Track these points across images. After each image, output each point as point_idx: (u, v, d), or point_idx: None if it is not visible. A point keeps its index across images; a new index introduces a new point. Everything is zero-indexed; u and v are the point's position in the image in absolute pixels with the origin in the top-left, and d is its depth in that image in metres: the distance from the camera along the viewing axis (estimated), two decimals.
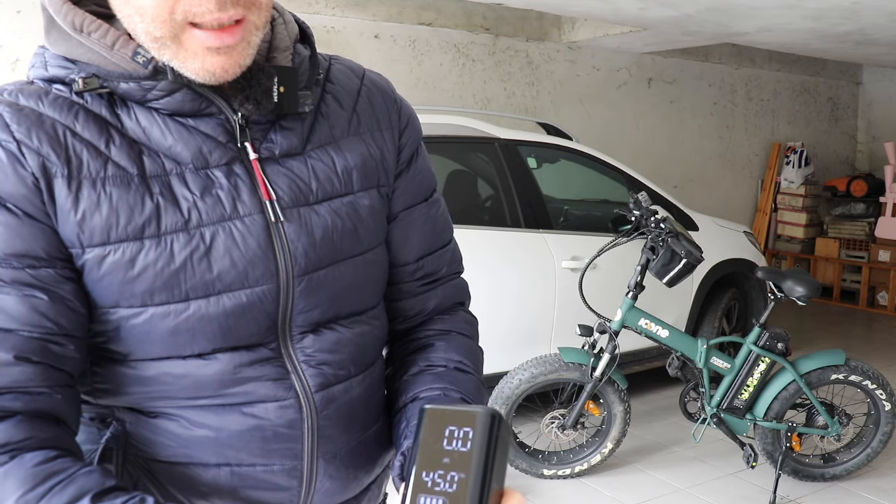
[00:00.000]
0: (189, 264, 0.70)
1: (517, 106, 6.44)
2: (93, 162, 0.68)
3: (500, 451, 0.61)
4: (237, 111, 0.73)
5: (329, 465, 0.79)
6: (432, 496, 0.58)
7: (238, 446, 0.74)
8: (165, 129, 0.71)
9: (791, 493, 3.15)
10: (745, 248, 4.58)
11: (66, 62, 0.70)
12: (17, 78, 0.73)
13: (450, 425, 0.61)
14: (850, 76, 8.74)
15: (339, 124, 0.81)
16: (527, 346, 3.48)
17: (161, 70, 0.69)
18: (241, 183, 0.73)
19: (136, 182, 0.69)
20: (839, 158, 8.75)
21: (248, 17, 0.67)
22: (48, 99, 0.69)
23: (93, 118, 0.70)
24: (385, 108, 0.86)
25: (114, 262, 0.69)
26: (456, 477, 0.59)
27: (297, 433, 0.76)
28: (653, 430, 3.82)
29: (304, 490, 0.78)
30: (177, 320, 0.71)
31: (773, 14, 4.82)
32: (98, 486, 0.62)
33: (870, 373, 3.13)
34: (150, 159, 0.71)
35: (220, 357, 0.73)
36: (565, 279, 3.58)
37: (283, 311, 0.75)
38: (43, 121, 0.68)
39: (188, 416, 0.74)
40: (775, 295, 3.11)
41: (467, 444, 0.60)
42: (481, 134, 3.66)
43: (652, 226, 3.04)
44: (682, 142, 7.52)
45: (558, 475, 3.23)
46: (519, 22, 6.33)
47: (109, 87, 0.69)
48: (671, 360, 3.18)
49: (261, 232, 0.73)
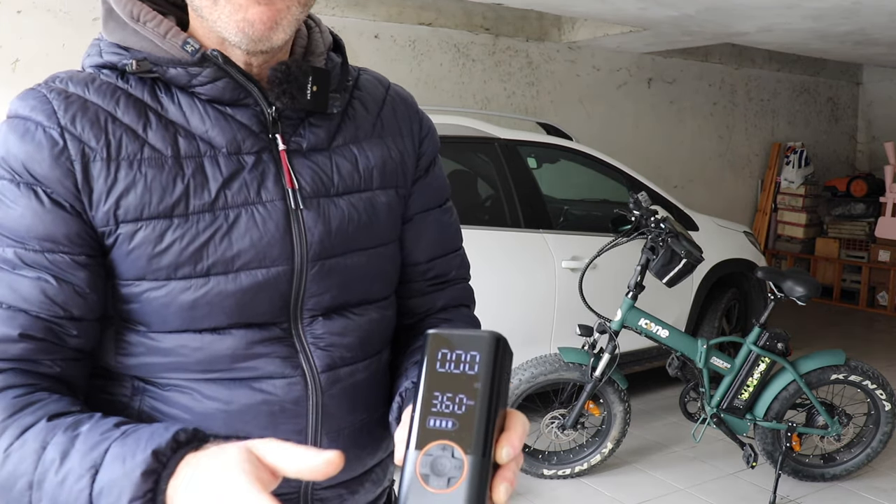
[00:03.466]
0: (212, 242, 0.75)
1: (517, 106, 6.44)
2: (130, 145, 0.73)
3: (505, 374, 0.63)
4: (272, 104, 0.78)
5: (332, 443, 0.81)
6: (442, 418, 0.59)
7: (247, 420, 0.78)
8: (204, 114, 0.76)
9: (791, 493, 3.15)
10: (744, 248, 4.58)
11: (119, 49, 0.75)
12: (18, 77, 0.75)
13: (455, 349, 0.61)
14: (849, 76, 8.74)
15: (364, 127, 0.86)
16: (527, 346, 3.48)
17: (206, 59, 0.74)
18: (267, 171, 0.78)
19: (169, 163, 0.74)
20: (839, 158, 8.76)
21: None
22: (94, 85, 0.74)
23: (133, 102, 0.75)
24: (407, 117, 0.91)
25: (144, 237, 0.73)
26: (464, 399, 0.60)
27: (301, 409, 0.79)
28: (653, 430, 3.82)
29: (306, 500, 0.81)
30: (196, 294, 0.75)
31: (773, 14, 4.82)
32: (59, 409, 0.66)
33: (870, 373, 3.13)
34: (186, 141, 0.76)
35: (234, 333, 0.77)
36: (565, 279, 3.59)
37: (295, 292, 0.79)
38: (87, 108, 0.73)
39: (201, 389, 0.77)
40: (775, 295, 3.11)
41: (474, 367, 0.60)
42: (481, 134, 3.66)
43: (652, 226, 3.04)
44: (682, 142, 7.52)
45: (558, 475, 3.23)
46: (519, 22, 6.33)
47: (158, 71, 0.75)
48: (671, 360, 3.18)
49: (280, 217, 0.78)
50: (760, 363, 3.10)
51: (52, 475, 0.62)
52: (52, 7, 4.60)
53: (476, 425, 0.59)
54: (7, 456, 0.63)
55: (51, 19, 4.60)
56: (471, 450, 0.58)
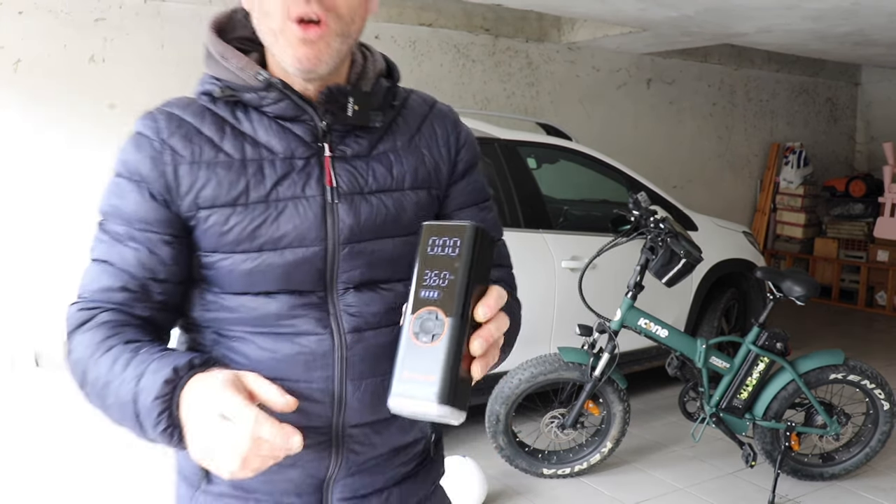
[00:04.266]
0: (264, 225, 0.96)
1: (517, 106, 6.45)
2: (209, 152, 0.96)
3: (483, 257, 0.79)
4: (322, 120, 0.98)
5: (356, 391, 1.00)
6: (430, 290, 0.77)
7: (288, 366, 0.98)
8: (269, 127, 0.98)
9: (790, 493, 3.16)
10: (744, 248, 4.59)
11: (213, 80, 0.99)
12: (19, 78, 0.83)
13: (442, 236, 0.78)
14: (848, 77, 8.75)
15: (403, 139, 1.05)
16: (527, 345, 3.49)
17: (272, 85, 0.96)
18: (312, 172, 0.98)
19: (236, 165, 0.96)
20: (838, 159, 8.77)
21: (328, 21, 0.91)
22: (191, 108, 0.99)
23: (216, 120, 0.98)
24: (446, 131, 1.09)
25: (215, 220, 0.95)
26: (447, 275, 0.76)
27: (329, 361, 0.98)
28: (652, 429, 3.83)
29: (336, 407, 1.00)
30: (252, 265, 0.96)
31: (773, 15, 4.83)
32: (135, 337, 0.92)
33: (868, 372, 3.14)
34: (252, 148, 0.97)
35: (280, 297, 0.97)
36: (565, 279, 3.59)
37: (329, 268, 0.98)
38: (182, 125, 0.97)
39: (256, 340, 0.98)
40: (774, 295, 3.12)
41: (456, 250, 0.77)
42: (481, 134, 3.67)
43: (651, 226, 3.05)
44: (682, 142, 7.52)
45: (558, 474, 3.24)
46: (519, 22, 6.33)
47: (238, 96, 0.98)
48: (670, 360, 3.19)
49: (318, 208, 0.97)
50: (759, 363, 3.11)
51: (116, 378, 0.87)
52: (53, 8, 4.60)
53: (455, 295, 0.76)
54: (97, 363, 0.90)
55: (52, 20, 4.61)
56: (451, 313, 0.76)
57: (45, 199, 4.69)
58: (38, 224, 4.69)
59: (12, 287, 4.68)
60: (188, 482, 1.05)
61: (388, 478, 1.07)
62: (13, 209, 4.64)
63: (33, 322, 4.71)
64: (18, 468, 3.21)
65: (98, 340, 0.92)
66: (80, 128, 4.75)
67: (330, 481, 1.02)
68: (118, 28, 4.80)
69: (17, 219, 4.66)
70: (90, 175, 4.74)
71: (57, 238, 4.71)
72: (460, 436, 3.65)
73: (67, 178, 4.72)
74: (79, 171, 4.74)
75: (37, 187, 4.68)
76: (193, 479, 1.04)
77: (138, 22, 4.86)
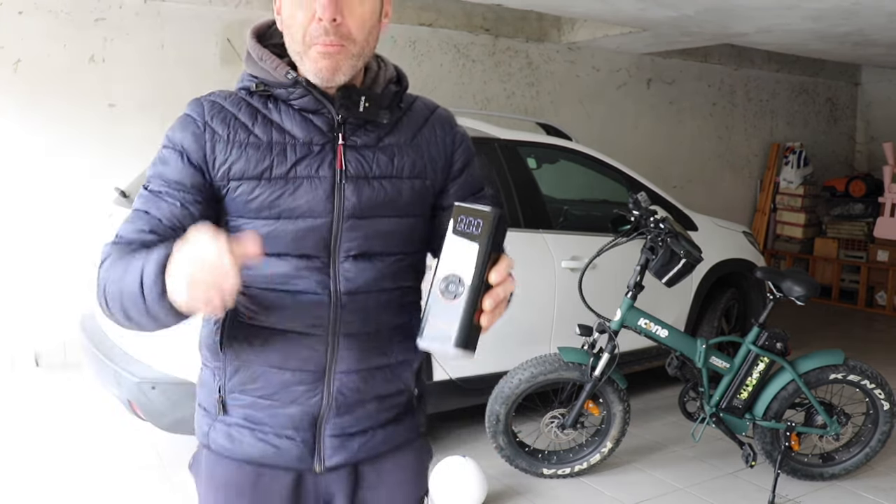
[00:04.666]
0: (282, 197, 1.14)
1: (517, 106, 6.44)
2: (242, 134, 1.16)
3: (499, 235, 1.00)
4: (339, 113, 1.16)
5: (346, 339, 1.18)
6: (454, 259, 0.99)
7: (293, 317, 1.17)
8: (293, 118, 1.17)
9: (790, 493, 3.16)
10: (744, 248, 4.59)
11: (251, 77, 1.19)
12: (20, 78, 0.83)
13: (468, 216, 0.99)
14: (848, 77, 8.75)
15: (406, 136, 1.23)
16: (527, 345, 3.49)
17: (298, 82, 1.15)
18: (326, 157, 1.16)
19: (264, 146, 1.15)
20: (838, 159, 8.77)
21: (345, 45, 1.12)
22: (231, 99, 1.19)
23: (250, 109, 1.18)
24: (444, 133, 1.27)
25: (242, 190, 1.15)
26: (469, 248, 0.98)
27: (325, 314, 1.17)
28: (652, 429, 3.83)
29: (329, 355, 1.19)
30: (270, 229, 1.14)
31: (773, 15, 4.83)
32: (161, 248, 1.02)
33: (868, 372, 3.14)
34: (278, 133, 1.16)
35: (289, 259, 1.16)
36: (565, 279, 3.59)
37: (333, 238, 1.16)
38: (222, 111, 1.17)
39: (267, 295, 1.17)
40: (774, 295, 3.12)
41: (478, 229, 0.98)
42: (481, 134, 3.67)
43: (651, 226, 3.05)
44: (682, 142, 7.52)
45: (558, 475, 3.24)
46: (519, 22, 6.33)
47: (270, 90, 1.18)
48: (670, 360, 3.19)
49: (328, 187, 1.16)
50: (759, 363, 3.11)
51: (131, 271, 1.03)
52: (53, 8, 4.60)
53: (474, 264, 0.97)
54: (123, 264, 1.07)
55: (52, 20, 4.61)
56: (469, 278, 0.97)
57: (45, 198, 4.69)
58: (38, 224, 4.69)
59: (12, 287, 4.68)
60: (207, 413, 1.27)
61: (372, 421, 1.25)
62: (13, 209, 4.64)
63: (33, 322, 4.71)
64: (18, 468, 3.21)
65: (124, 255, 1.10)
66: (80, 127, 4.75)
67: (322, 419, 1.21)
68: (118, 28, 4.80)
69: (17, 219, 4.65)
70: (90, 175, 4.74)
71: (57, 238, 4.71)
72: (460, 436, 3.65)
73: (67, 177, 4.72)
74: (79, 171, 4.73)
75: (36, 187, 4.68)
76: (211, 410, 1.26)
77: (138, 22, 4.86)
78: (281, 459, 1.21)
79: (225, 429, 1.23)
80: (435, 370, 3.27)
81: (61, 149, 4.70)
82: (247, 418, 1.21)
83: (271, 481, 1.22)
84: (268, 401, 1.20)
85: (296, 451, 1.21)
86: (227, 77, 5.14)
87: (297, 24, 1.11)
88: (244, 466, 1.23)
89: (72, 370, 4.53)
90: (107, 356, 3.02)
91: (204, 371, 1.28)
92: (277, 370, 1.18)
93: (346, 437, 1.23)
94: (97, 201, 4.21)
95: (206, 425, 1.27)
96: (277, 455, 1.21)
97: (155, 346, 2.86)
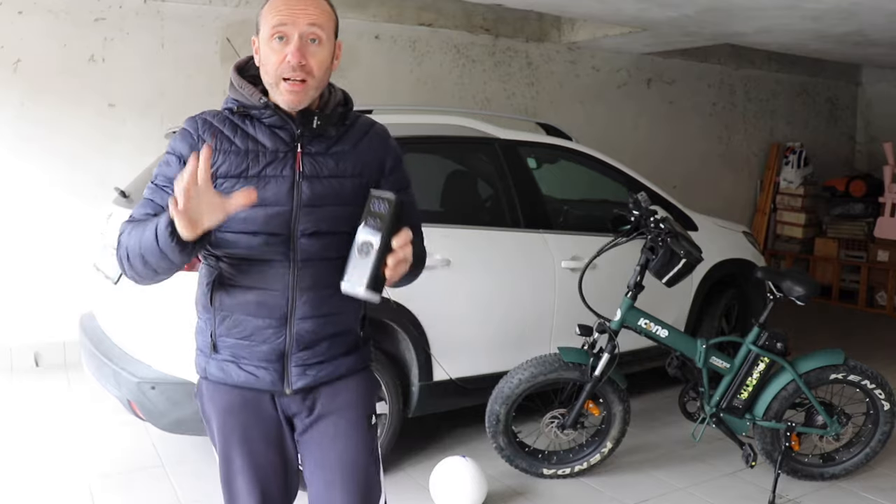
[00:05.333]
0: (256, 191, 1.41)
1: (517, 106, 6.44)
2: (226, 144, 1.52)
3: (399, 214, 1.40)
4: (298, 128, 1.54)
5: (302, 297, 1.55)
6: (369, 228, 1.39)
7: (261, 280, 1.54)
8: (264, 132, 1.54)
9: (790, 493, 3.15)
10: (744, 248, 4.59)
11: (233, 100, 1.57)
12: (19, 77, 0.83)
13: (379, 199, 1.40)
14: (848, 77, 8.74)
15: (349, 145, 1.60)
16: (527, 346, 3.49)
17: (268, 106, 1.52)
18: (288, 161, 1.53)
19: (242, 153, 1.52)
20: (838, 159, 8.76)
21: (308, 80, 1.49)
22: (218, 117, 1.57)
23: (231, 124, 1.55)
24: (378, 143, 1.65)
25: (226, 185, 1.49)
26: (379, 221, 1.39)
27: (286, 276, 1.54)
28: (652, 429, 3.83)
29: (290, 307, 1.56)
30: (245, 214, 1.46)
31: (773, 15, 4.83)
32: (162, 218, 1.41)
33: (868, 372, 3.14)
34: (253, 143, 1.53)
35: (260, 236, 1.51)
36: (565, 279, 3.59)
37: (293, 220, 1.52)
38: (211, 126, 1.54)
39: (241, 264, 1.55)
40: (774, 295, 3.12)
41: (385, 209, 1.39)
42: (481, 134, 3.66)
43: (651, 226, 3.05)
44: (682, 142, 7.52)
45: (558, 475, 3.24)
46: (519, 23, 6.33)
47: (248, 112, 1.55)
48: (671, 360, 3.19)
49: (290, 183, 1.52)
50: (760, 363, 3.11)
51: (147, 231, 1.42)
52: (53, 8, 4.60)
53: (382, 232, 1.37)
54: (139, 232, 1.47)
55: (52, 20, 4.61)
56: (378, 242, 1.37)
57: (45, 198, 4.69)
58: (38, 224, 4.69)
59: (12, 287, 4.68)
60: (203, 353, 1.63)
61: (326, 355, 1.61)
62: (12, 209, 4.64)
63: (33, 322, 4.71)
64: (18, 468, 3.21)
65: (138, 227, 1.47)
66: (80, 127, 4.74)
67: (287, 354, 1.58)
68: (118, 28, 4.80)
69: (17, 219, 4.65)
70: (89, 174, 4.74)
71: (56, 238, 4.71)
72: (460, 436, 3.65)
73: (67, 177, 4.72)
74: (78, 171, 4.73)
75: (36, 187, 4.67)
76: (206, 351, 1.62)
77: (138, 22, 4.86)
78: (259, 384, 1.59)
79: (217, 363, 1.61)
80: (435, 371, 3.27)
81: (61, 148, 4.70)
82: (232, 354, 1.59)
83: (255, 402, 1.61)
84: (246, 341, 1.57)
85: (269, 378, 1.58)
86: (227, 76, 5.13)
87: (270, 63, 1.49)
88: (234, 391, 1.60)
89: (71, 370, 4.53)
90: (106, 356, 3.02)
91: (199, 322, 1.65)
92: (252, 318, 1.56)
93: (307, 366, 1.59)
94: (97, 201, 4.21)
95: (203, 362, 1.64)
96: (257, 381, 1.59)
97: (154, 346, 2.86)
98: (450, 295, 3.28)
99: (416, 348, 3.18)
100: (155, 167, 1.63)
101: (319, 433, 1.64)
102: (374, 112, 3.37)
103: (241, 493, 1.64)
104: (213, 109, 1.57)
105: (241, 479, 1.63)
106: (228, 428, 1.62)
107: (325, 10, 1.51)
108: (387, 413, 3.13)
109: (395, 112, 3.71)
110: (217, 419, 1.63)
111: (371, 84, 5.47)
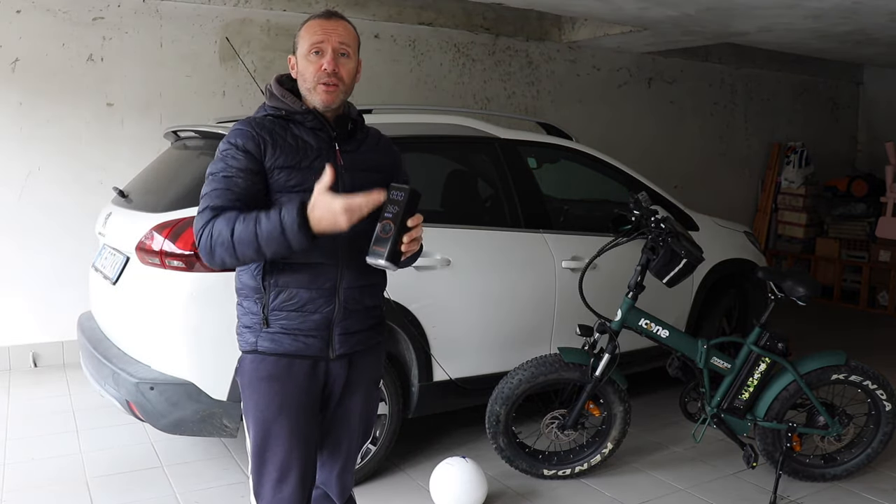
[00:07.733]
0: (308, 180, 1.72)
1: (517, 106, 6.43)
2: (280, 141, 1.80)
3: (413, 201, 1.67)
4: (334, 131, 1.86)
5: (348, 268, 1.83)
6: (389, 213, 1.65)
7: (314, 256, 1.78)
8: (307, 133, 1.83)
9: (791, 494, 3.14)
10: (745, 248, 4.57)
11: (274, 108, 1.86)
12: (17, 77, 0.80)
13: (397, 190, 1.67)
14: (850, 76, 8.73)
15: (370, 147, 1.95)
16: (527, 346, 3.48)
17: (309, 112, 1.83)
18: (331, 156, 1.83)
19: (293, 149, 1.80)
20: (839, 158, 8.75)
21: (339, 84, 1.82)
22: (264, 121, 1.83)
23: (280, 126, 1.83)
24: (389, 149, 2.02)
25: (281, 175, 1.78)
26: (397, 208, 1.65)
27: (336, 250, 1.81)
28: (653, 430, 3.82)
29: (339, 276, 1.83)
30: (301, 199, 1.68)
31: (774, 14, 4.82)
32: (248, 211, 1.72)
33: (870, 373, 3.13)
34: (301, 142, 1.82)
35: None
36: (565, 279, 3.58)
37: None
38: (264, 127, 1.81)
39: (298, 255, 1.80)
40: (775, 295, 3.11)
41: (402, 196, 1.66)
42: (481, 134, 3.65)
43: (652, 226, 3.04)
44: (683, 142, 7.51)
45: (558, 475, 3.22)
46: (519, 22, 6.32)
47: (289, 116, 1.84)
48: (671, 361, 3.18)
49: (334, 174, 1.70)
50: (761, 363, 3.10)
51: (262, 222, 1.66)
52: (51, 7, 4.59)
53: (400, 216, 1.65)
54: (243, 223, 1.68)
55: (51, 19, 4.60)
56: (396, 224, 1.64)
57: (44, 198, 4.68)
58: (37, 224, 4.68)
59: (11, 288, 4.67)
60: (251, 330, 1.82)
61: (363, 324, 1.90)
62: (12, 209, 4.63)
63: (31, 323, 4.70)
64: (18, 468, 3.20)
65: (234, 217, 1.69)
66: (79, 126, 4.74)
67: (334, 322, 1.83)
68: (116, 27, 4.79)
69: (16, 219, 4.64)
70: (88, 174, 4.73)
71: (55, 238, 4.70)
72: (460, 436, 3.64)
73: (66, 177, 4.71)
74: (77, 170, 4.72)
75: (35, 186, 4.66)
76: (256, 327, 1.81)
77: (137, 21, 4.85)
78: (308, 351, 1.82)
79: (269, 335, 1.81)
80: (435, 371, 3.26)
81: (60, 148, 4.69)
82: (283, 327, 1.81)
83: (298, 368, 1.82)
84: (299, 312, 1.80)
85: (318, 345, 1.83)
86: (226, 75, 5.13)
87: (309, 72, 1.81)
88: (281, 360, 1.81)
89: (70, 371, 4.52)
90: (105, 356, 3.01)
91: (246, 302, 1.84)
92: (306, 290, 1.80)
93: (349, 334, 1.86)
94: (96, 201, 4.20)
95: (252, 336, 1.83)
96: (306, 348, 1.82)
97: (153, 347, 2.85)
98: (450, 295, 3.27)
99: (415, 348, 3.17)
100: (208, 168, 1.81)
101: (345, 409, 1.95)
102: (374, 112, 3.37)
103: (275, 457, 1.83)
104: (251, 116, 1.86)
105: (277, 446, 1.83)
106: (270, 395, 1.81)
107: (351, 32, 1.88)
108: (387, 413, 3.12)
109: (396, 112, 3.69)
110: (260, 386, 1.82)
111: (371, 83, 5.46)
